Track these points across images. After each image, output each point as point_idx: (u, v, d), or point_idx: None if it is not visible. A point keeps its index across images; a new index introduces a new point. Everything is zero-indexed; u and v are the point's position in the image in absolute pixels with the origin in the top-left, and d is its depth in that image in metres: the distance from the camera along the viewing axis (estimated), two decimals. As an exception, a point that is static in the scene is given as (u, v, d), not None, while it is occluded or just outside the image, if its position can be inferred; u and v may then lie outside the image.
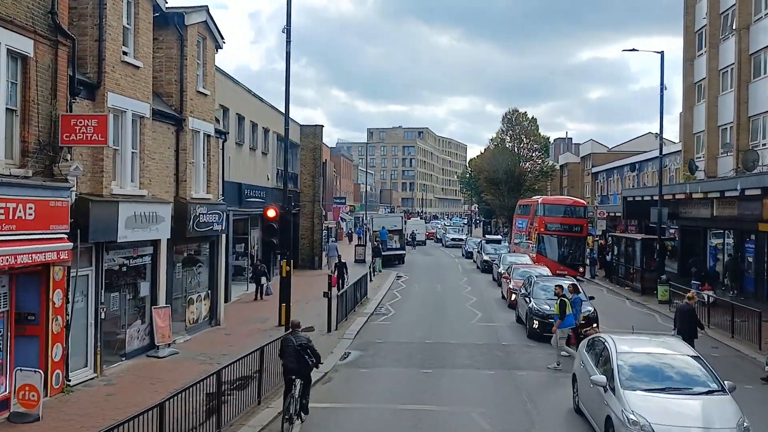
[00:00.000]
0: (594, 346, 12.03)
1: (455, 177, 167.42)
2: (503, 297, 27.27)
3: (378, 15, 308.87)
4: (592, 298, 20.31)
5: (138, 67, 15.35)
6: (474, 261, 44.54)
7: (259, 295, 24.92)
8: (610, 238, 43.51)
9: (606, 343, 11.31)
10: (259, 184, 29.01)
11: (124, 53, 14.92)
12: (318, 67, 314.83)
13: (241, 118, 26.45)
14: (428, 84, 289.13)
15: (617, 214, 43.70)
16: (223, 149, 20.56)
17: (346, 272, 27.12)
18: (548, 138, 74.92)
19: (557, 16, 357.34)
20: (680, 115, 39.71)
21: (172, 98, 17.67)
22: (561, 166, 74.17)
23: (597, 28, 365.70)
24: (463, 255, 51.14)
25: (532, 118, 71.86)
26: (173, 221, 17.02)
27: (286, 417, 10.99)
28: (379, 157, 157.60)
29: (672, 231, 35.72)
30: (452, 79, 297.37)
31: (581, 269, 36.49)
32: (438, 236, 73.23)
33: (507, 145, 70.89)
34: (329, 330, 19.57)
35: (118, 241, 14.42)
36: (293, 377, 11.32)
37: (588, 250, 38.15)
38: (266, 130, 30.58)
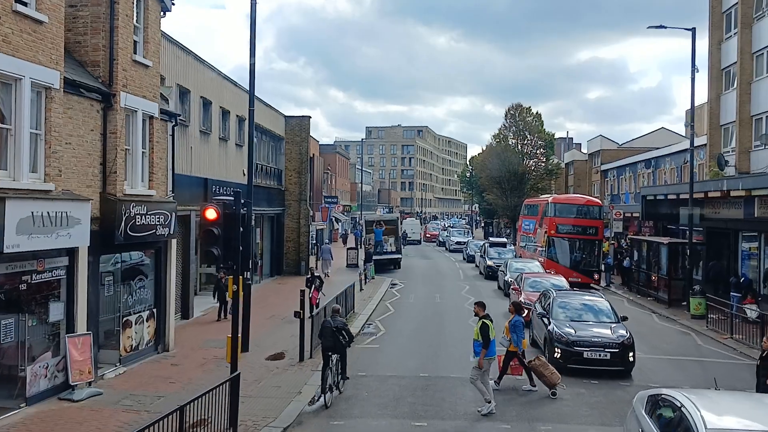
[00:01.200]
0: (660, 408, 8.26)
1: (455, 176, 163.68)
2: (512, 311, 23.50)
3: (376, 15, 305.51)
4: (624, 318, 16.52)
5: (41, 22, 11.61)
6: (476, 266, 40.77)
7: (223, 313, 20.89)
8: (627, 241, 39.94)
9: (684, 410, 7.51)
10: (231, 180, 25.30)
11: (19, 1, 11.19)
12: (316, 67, 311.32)
13: (206, 103, 22.70)
14: (427, 84, 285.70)
15: (634, 215, 39.94)
16: (173, 135, 16.81)
17: (320, 288, 21.92)
18: (553, 134, 71.12)
19: (555, 17, 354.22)
20: (706, 106, 35.90)
21: (99, 68, 13.94)
22: (566, 164, 70.48)
23: (595, 29, 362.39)
24: (464, 259, 47.35)
25: (537, 113, 68.22)
26: (97, 224, 13.33)
27: (326, 387, 12.59)
28: (378, 156, 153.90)
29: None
30: (451, 79, 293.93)
31: (596, 276, 32.77)
32: (441, 239, 66.89)
33: (510, 142, 67.28)
34: (301, 359, 15.83)
35: (5, 251, 10.70)
36: (330, 353, 13.01)
37: (604, 254, 34.30)
38: (241, 119, 26.84)
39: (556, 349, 15.10)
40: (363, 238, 41.16)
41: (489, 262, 35.33)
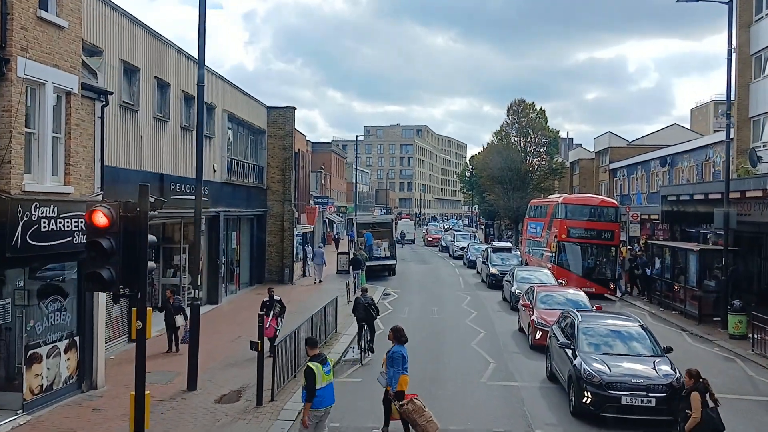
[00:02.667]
0: None
1: (455, 177, 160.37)
2: (521, 330, 20.18)
3: (373, 15, 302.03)
4: (668, 350, 13.09)
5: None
6: (478, 272, 37.36)
7: (174, 345, 16.86)
8: (641, 246, 36.56)
9: None
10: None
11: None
12: (313, 68, 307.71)
13: (163, 85, 19.30)
14: (425, 85, 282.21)
15: (652, 217, 36.53)
16: (102, 117, 13.43)
17: (281, 314, 16.55)
18: (558, 132, 67.75)
19: (553, 17, 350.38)
20: (735, 97, 32.51)
21: (-13, 26, 10.59)
22: (571, 163, 67.13)
23: (593, 29, 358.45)
24: (464, 264, 43.96)
25: (540, 109, 64.86)
26: (-23, 231, 9.98)
27: (361, 349, 16.71)
28: (376, 156, 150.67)
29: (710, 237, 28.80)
30: (449, 80, 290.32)
31: (611, 285, 29.43)
32: (444, 244, 58.78)
33: (512, 140, 63.98)
34: (259, 403, 12.43)
35: None
36: (363, 323, 16.85)
37: (621, 260, 30.89)
38: (210, 107, 23.44)
39: (585, 392, 11.70)
40: (355, 241, 37.76)
41: (492, 270, 31.94)
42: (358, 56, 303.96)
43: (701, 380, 9.58)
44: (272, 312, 15.95)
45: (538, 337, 17.35)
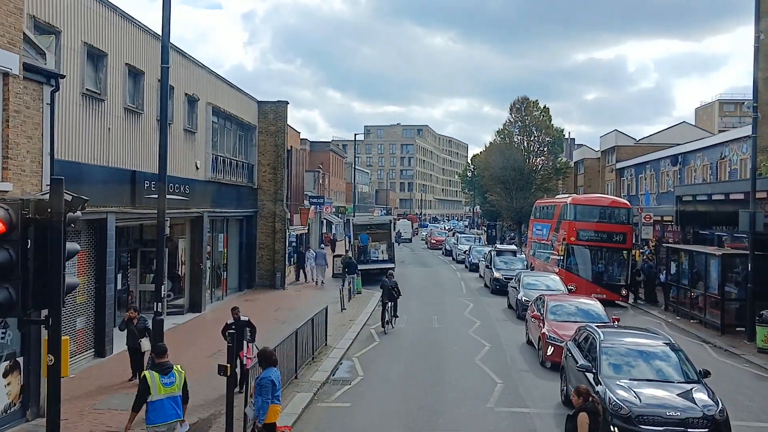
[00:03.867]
0: None
1: (456, 177, 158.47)
2: (530, 342, 18.40)
3: (372, 16, 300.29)
4: (706, 374, 11.29)
5: None
6: (481, 276, 35.55)
7: (137, 375, 12.93)
8: (651, 249, 34.79)
9: None
10: (176, 174, 20.18)
11: None
12: (313, 69, 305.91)
13: (136, 73, 17.48)
14: (425, 85, 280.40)
15: (665, 218, 34.73)
16: (53, 104, 11.65)
17: (252, 339, 13.38)
18: (562, 131, 65.88)
19: (552, 18, 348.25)
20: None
21: None
22: (576, 163, 65.33)
23: (593, 30, 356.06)
24: (466, 267, 42.17)
25: (544, 107, 62.88)
26: None
27: (383, 323, 20.51)
28: (377, 156, 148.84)
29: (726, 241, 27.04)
30: (449, 80, 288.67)
31: (623, 292, 27.63)
32: (448, 247, 55.03)
33: (515, 139, 62.15)
34: (229, 437, 10.65)
35: None
36: (387, 302, 20.80)
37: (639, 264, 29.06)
38: (192, 99, 21.68)
39: (612, 427, 9.92)
40: (351, 244, 35.96)
41: (496, 274, 30.13)
42: (357, 57, 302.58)
43: (590, 398, 8.11)
44: (244, 340, 13.01)
45: (549, 352, 15.58)
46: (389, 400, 13.24)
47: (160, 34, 12.28)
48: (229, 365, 10.49)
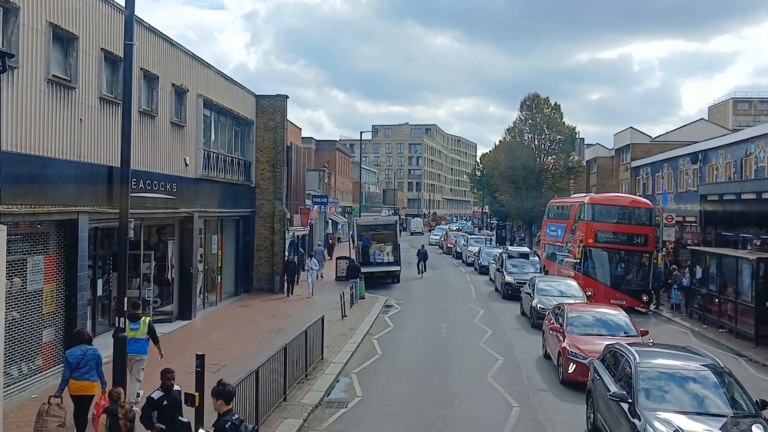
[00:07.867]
0: None
1: (464, 177, 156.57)
2: (547, 356, 16.68)
3: (374, 16, 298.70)
4: (764, 405, 9.51)
5: None
6: (491, 279, 33.83)
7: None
8: (669, 251, 32.93)
9: None
10: (162, 171, 18.64)
11: None
12: (316, 69, 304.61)
13: (114, 60, 15.88)
14: (429, 85, 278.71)
15: (687, 219, 32.88)
16: (0, 87, 10.07)
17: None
18: (574, 128, 63.99)
19: (556, 18, 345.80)
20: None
21: None
22: (588, 162, 63.44)
23: (597, 30, 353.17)
24: (475, 269, 40.43)
25: (555, 104, 61.14)
26: None
27: (419, 271, 32.15)
28: (384, 156, 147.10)
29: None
30: (452, 80, 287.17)
31: (645, 297, 25.85)
32: (458, 249, 52.35)
33: (526, 137, 60.38)
34: (197, 477, 9.03)
35: None
36: (422, 261, 34.49)
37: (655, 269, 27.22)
38: (180, 90, 20.09)
39: (656, 473, 8.22)
40: (355, 245, 34.29)
41: (508, 278, 28.40)
42: (359, 57, 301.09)
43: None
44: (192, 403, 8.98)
45: (571, 370, 13.89)
46: (390, 427, 11.57)
47: (126, 9, 10.65)
48: (197, 393, 8.88)
